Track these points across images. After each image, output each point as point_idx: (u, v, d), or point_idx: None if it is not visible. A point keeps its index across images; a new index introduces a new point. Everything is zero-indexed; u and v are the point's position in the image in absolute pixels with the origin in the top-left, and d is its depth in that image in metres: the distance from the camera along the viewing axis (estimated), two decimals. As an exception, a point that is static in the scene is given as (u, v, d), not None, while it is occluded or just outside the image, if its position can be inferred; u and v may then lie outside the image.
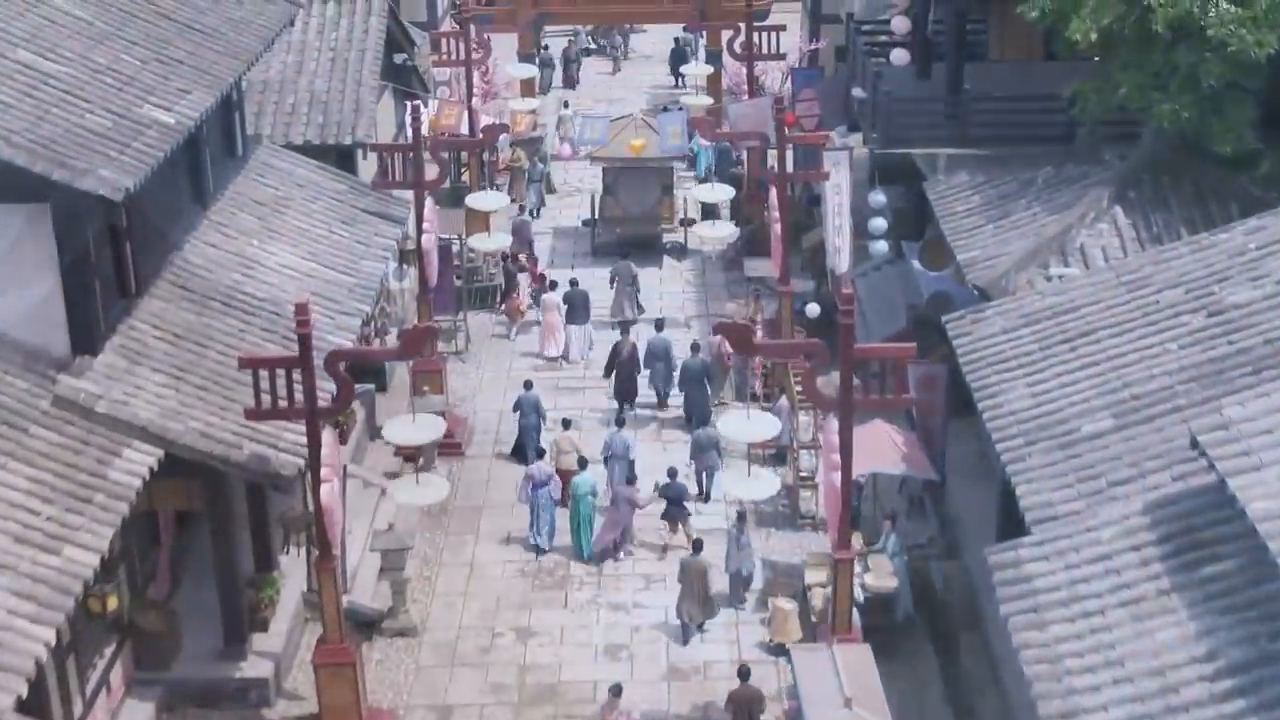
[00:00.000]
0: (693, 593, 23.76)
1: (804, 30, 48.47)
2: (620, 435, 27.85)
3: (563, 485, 27.26)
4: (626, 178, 37.74)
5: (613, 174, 38.05)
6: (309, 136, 29.94)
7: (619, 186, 37.98)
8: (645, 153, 37.68)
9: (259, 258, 25.17)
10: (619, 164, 37.74)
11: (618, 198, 38.07)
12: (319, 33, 31.71)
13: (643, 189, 37.88)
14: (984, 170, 28.24)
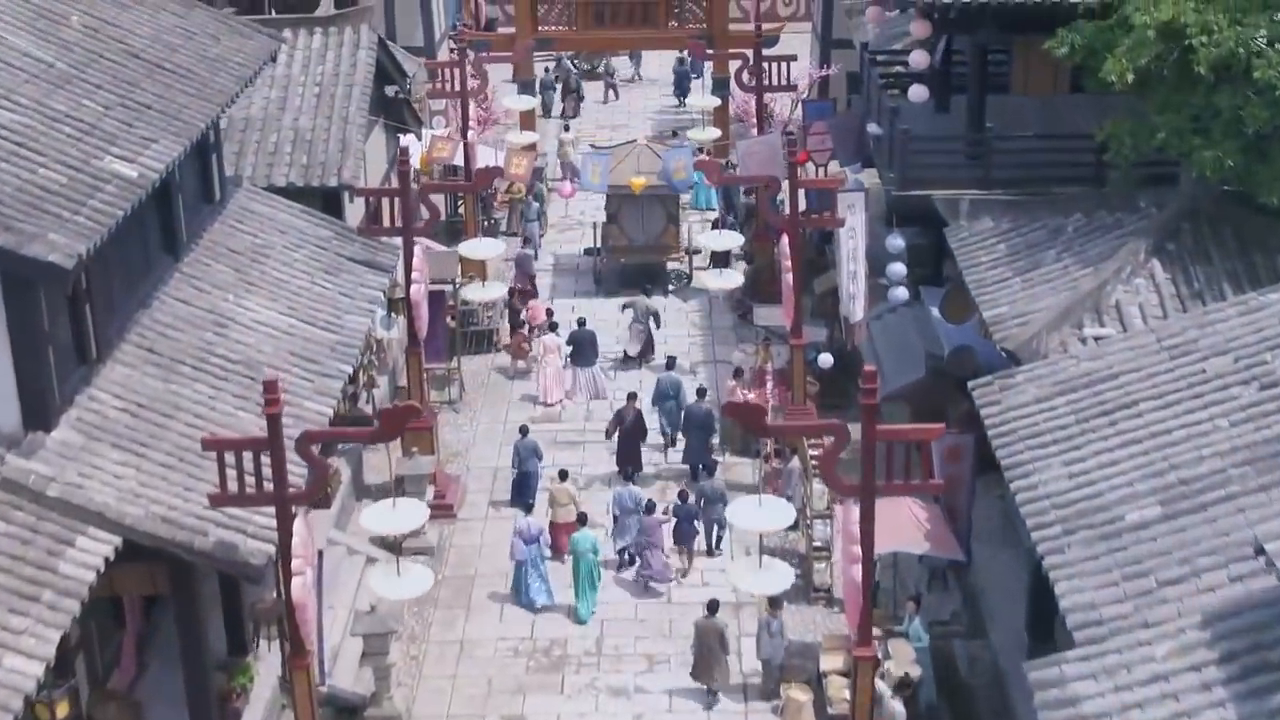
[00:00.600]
0: (711, 657, 22.31)
1: (814, 56, 46.81)
2: (630, 489, 26.38)
3: (556, 539, 26.04)
4: (630, 206, 36.38)
5: (616, 202, 36.59)
6: (292, 178, 28.26)
7: (622, 215, 36.63)
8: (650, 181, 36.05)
9: (234, 314, 23.46)
10: (622, 192, 36.38)
11: (621, 227, 36.75)
12: (304, 66, 30.02)
13: (647, 218, 36.50)
14: (1009, 216, 26.53)
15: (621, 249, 36.98)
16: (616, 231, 36.84)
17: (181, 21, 25.41)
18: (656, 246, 36.92)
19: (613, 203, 36.61)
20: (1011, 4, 27.58)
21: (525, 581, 25.08)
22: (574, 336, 31.91)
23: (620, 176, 35.97)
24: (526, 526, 25.37)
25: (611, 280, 37.06)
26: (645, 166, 36.03)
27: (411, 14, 45.88)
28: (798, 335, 27.19)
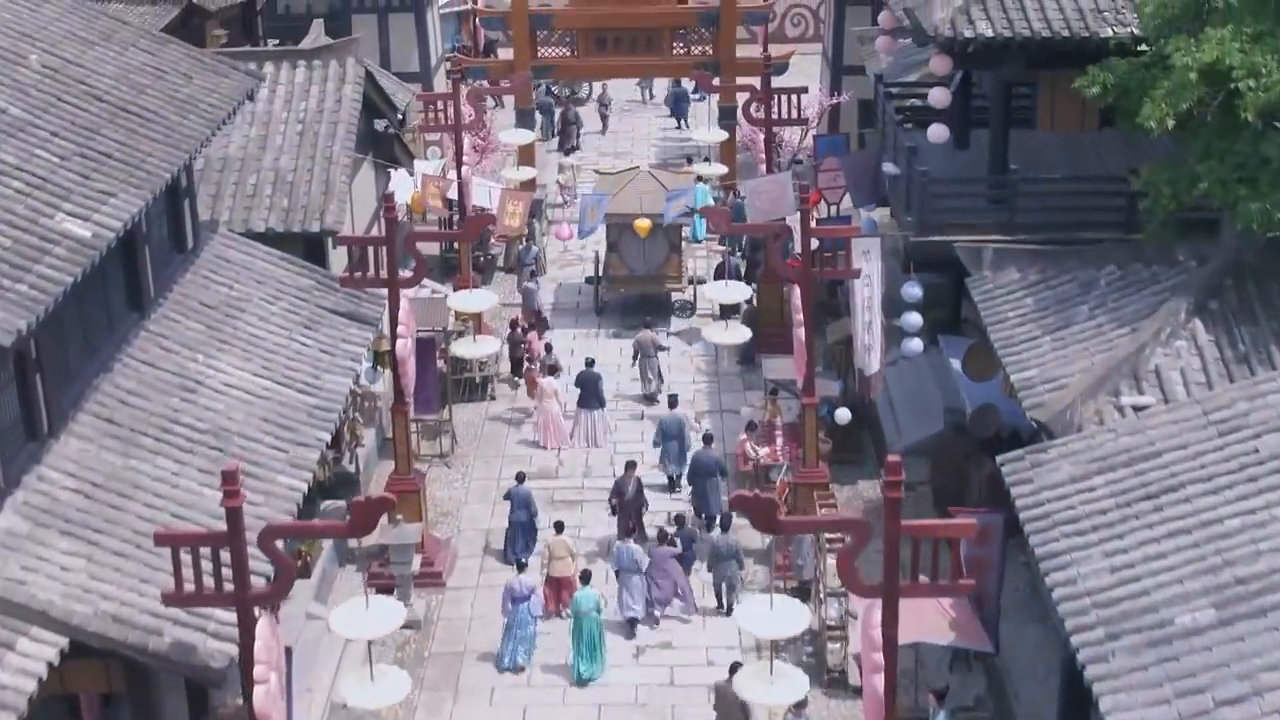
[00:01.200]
0: (732, 724, 20.80)
1: (824, 83, 45.10)
2: (629, 546, 24.83)
3: (551, 594, 24.80)
4: (632, 235, 35.05)
5: (617, 231, 35.32)
6: (272, 223, 26.56)
7: (624, 245, 35.34)
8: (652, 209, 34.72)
9: (203, 376, 21.77)
10: (624, 220, 34.94)
11: (623, 256, 35.49)
12: (286, 102, 28.33)
13: (649, 248, 35.15)
14: (1037, 266, 24.77)
15: (623, 279, 35.79)
16: (617, 261, 35.60)
17: (151, 59, 23.76)
18: (659, 277, 35.65)
19: (613, 232, 35.40)
20: (1038, 39, 25.92)
21: (506, 643, 23.65)
22: (581, 378, 30.50)
23: (622, 204, 34.88)
24: (518, 584, 23.91)
25: (613, 311, 35.87)
26: (646, 194, 34.88)
27: (407, 38, 44.26)
28: (810, 393, 25.43)
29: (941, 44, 26.01)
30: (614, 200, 35.13)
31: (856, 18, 43.37)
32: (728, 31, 40.58)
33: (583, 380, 30.47)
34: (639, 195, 35.27)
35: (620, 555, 24.66)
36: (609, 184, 36.86)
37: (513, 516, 26.49)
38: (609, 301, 36.07)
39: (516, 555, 25.90)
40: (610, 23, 40.58)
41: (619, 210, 34.94)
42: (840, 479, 28.37)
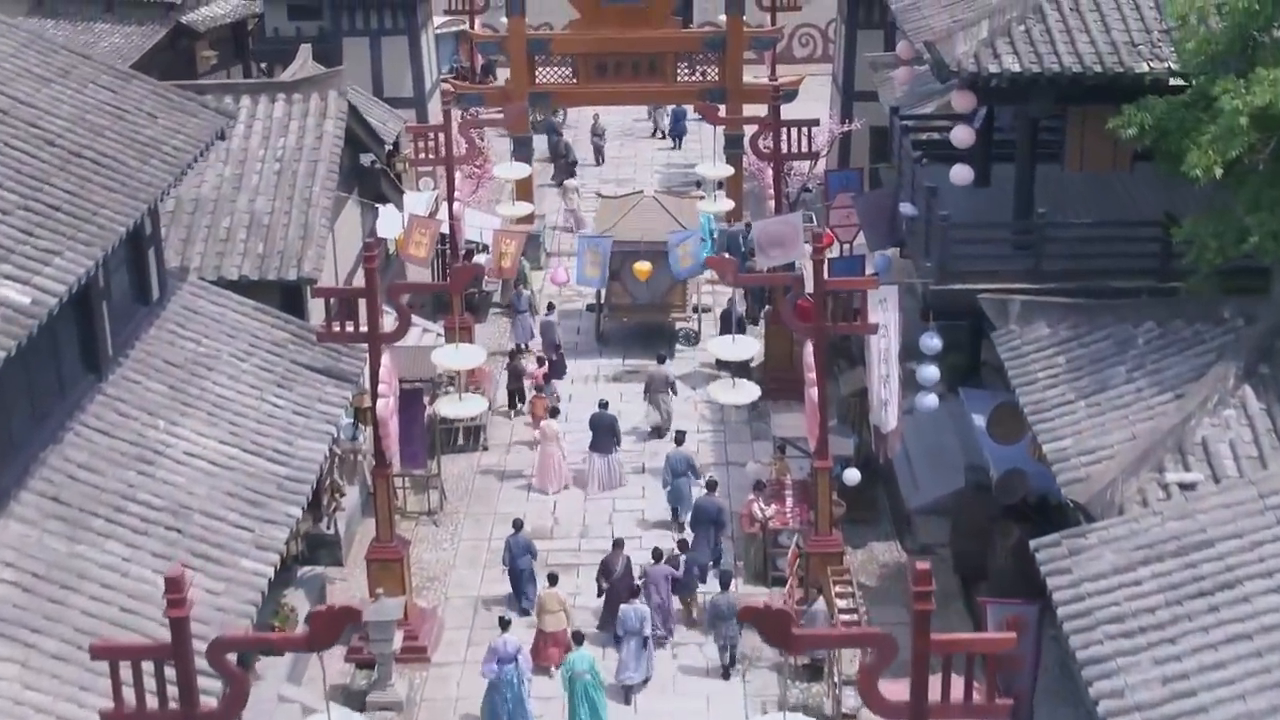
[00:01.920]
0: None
1: (834, 109, 43.32)
2: (635, 609, 23.31)
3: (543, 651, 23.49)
4: (632, 263, 33.65)
5: (619, 258, 33.84)
6: (245, 270, 24.76)
7: (626, 272, 33.90)
8: (655, 236, 33.62)
9: (164, 445, 19.99)
10: (626, 247, 33.68)
11: (625, 284, 34.04)
12: (263, 139, 26.51)
13: (652, 275, 33.69)
14: (1068, 321, 22.96)
15: (625, 308, 34.47)
16: (620, 289, 34.17)
17: (113, 97, 21.97)
18: (662, 305, 34.36)
19: (615, 259, 33.93)
20: (1068, 75, 24.14)
21: (494, 710, 22.03)
22: (594, 421, 29.03)
23: (625, 230, 33.81)
24: (503, 644, 22.34)
25: (615, 340, 34.69)
26: (650, 222, 33.86)
27: (400, 62, 42.46)
28: (823, 456, 23.62)
29: (964, 80, 24.22)
30: (617, 227, 34.03)
31: (869, 42, 41.72)
32: (734, 57, 38.80)
33: (596, 423, 29.01)
34: (643, 222, 34.20)
35: (626, 618, 23.20)
36: (612, 209, 35.51)
37: (513, 565, 25.34)
38: (610, 331, 34.83)
39: (522, 607, 24.97)
40: (611, 47, 38.82)
41: (622, 237, 33.79)
42: (853, 539, 26.64)
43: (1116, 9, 24.88)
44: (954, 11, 26.88)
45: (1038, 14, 24.79)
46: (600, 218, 36.34)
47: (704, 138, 49.07)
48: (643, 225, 34.26)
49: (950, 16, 26.66)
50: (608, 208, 36.36)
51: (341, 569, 26.35)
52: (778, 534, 25.70)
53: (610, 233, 34.15)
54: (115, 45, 47.74)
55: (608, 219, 35.33)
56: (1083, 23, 24.75)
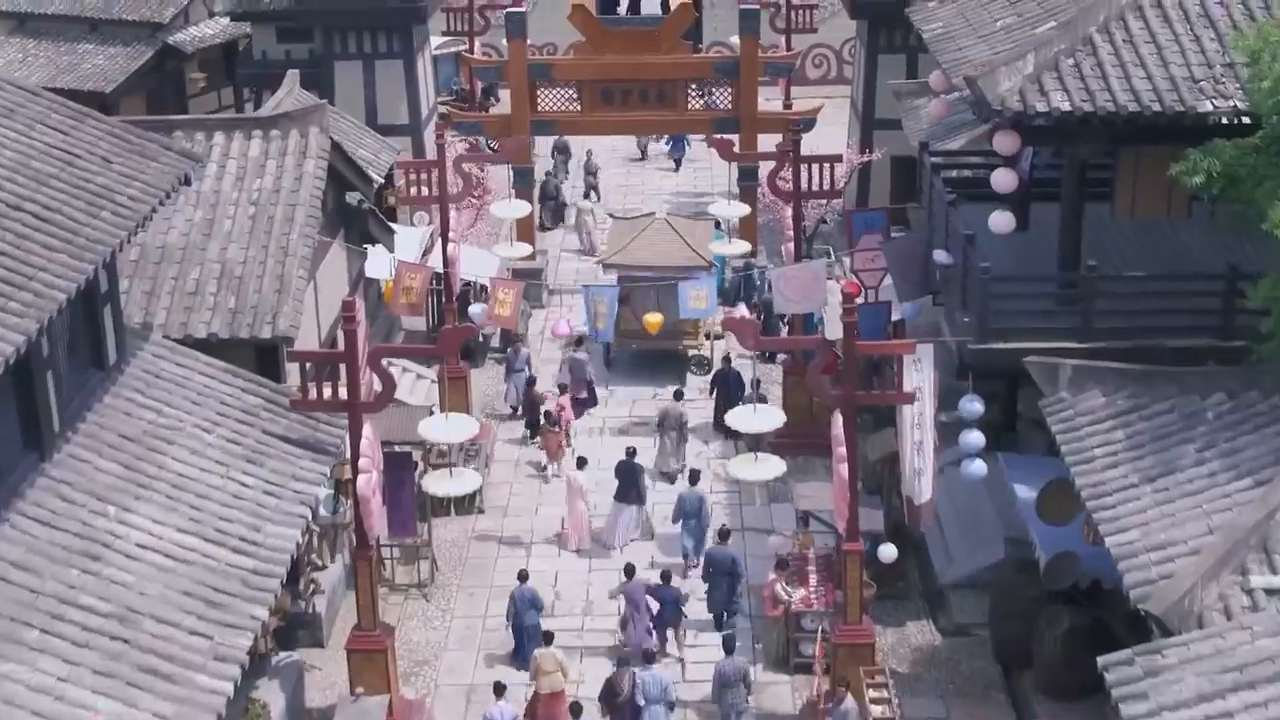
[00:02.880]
0: None
1: (852, 137, 41.03)
2: (655, 675, 21.75)
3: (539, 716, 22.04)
4: (644, 288, 32.39)
5: (629, 283, 32.61)
6: (215, 328, 22.48)
7: (635, 298, 32.48)
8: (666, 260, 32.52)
9: (113, 536, 17.70)
10: (636, 271, 32.51)
11: (635, 311, 32.29)
12: (237, 180, 24.23)
13: (664, 301, 31.68)
14: (1126, 390, 20.71)
15: (634, 334, 32.47)
16: (629, 315, 32.33)
17: (62, 140, 19.70)
18: (673, 332, 32.53)
19: (625, 283, 32.78)
20: (1124, 114, 21.84)
21: None
22: (620, 469, 27.19)
23: (635, 254, 32.82)
24: (498, 713, 20.93)
25: (623, 367, 33.30)
26: (662, 245, 32.68)
27: (395, 88, 40.18)
28: (854, 538, 21.30)
29: (1009, 119, 21.94)
30: (627, 250, 32.97)
31: (890, 67, 39.43)
32: (749, 84, 36.49)
33: (622, 472, 27.14)
34: (654, 246, 32.98)
35: (647, 686, 21.45)
36: (623, 231, 33.99)
37: (518, 621, 23.84)
38: (619, 358, 33.42)
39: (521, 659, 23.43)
40: (618, 74, 36.53)
41: (633, 261, 32.72)
42: (883, 617, 24.42)
43: (1174, 41, 22.65)
44: (993, 42, 24.60)
45: (1088, 46, 22.55)
46: (612, 240, 34.87)
47: (714, 164, 47.01)
48: (654, 249, 33.03)
49: (989, 48, 24.39)
50: (619, 229, 34.96)
51: (323, 650, 24.08)
52: (801, 617, 23.38)
53: (621, 255, 32.86)
54: (99, 67, 45.87)
55: (619, 241, 33.95)
56: (1137, 56, 22.50)
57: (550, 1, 54.05)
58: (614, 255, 33.93)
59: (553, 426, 29.70)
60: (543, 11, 53.31)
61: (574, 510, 27.05)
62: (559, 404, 30.08)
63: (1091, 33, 22.65)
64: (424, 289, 27.22)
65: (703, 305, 27.17)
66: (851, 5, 39.73)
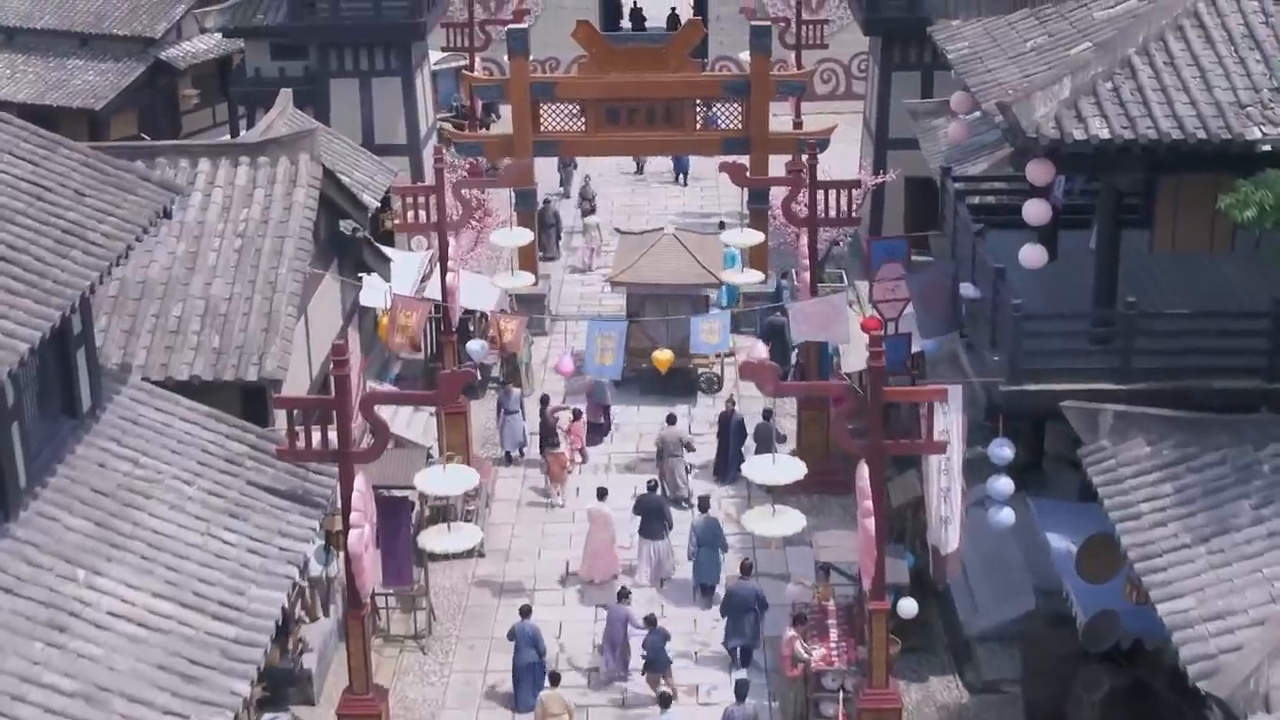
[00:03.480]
0: None
1: (865, 158, 39.68)
2: None
3: None
4: (654, 305, 32.05)
5: (638, 300, 32.28)
6: (198, 369, 21.12)
7: (646, 313, 32.16)
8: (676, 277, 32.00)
9: (82, 604, 16.33)
10: (644, 289, 31.97)
11: (644, 327, 32.05)
12: (223, 211, 22.87)
13: (673, 332, 31.37)
14: (1173, 438, 19.34)
15: (643, 351, 31.45)
16: (638, 333, 31.85)
17: (31, 171, 18.35)
18: (684, 349, 31.37)
19: (634, 301, 32.47)
20: (1167, 142, 20.44)
21: None
22: (642, 504, 26.18)
23: (644, 271, 32.12)
24: None
25: (632, 387, 32.32)
26: (672, 262, 31.97)
27: (393, 106, 38.89)
28: (880, 597, 19.91)
29: (1044, 148, 20.54)
30: (635, 268, 32.31)
31: (905, 85, 38.17)
32: (760, 103, 35.14)
33: (644, 506, 26.14)
34: (663, 261, 32.29)
35: None
36: (631, 247, 33.52)
37: (518, 659, 22.91)
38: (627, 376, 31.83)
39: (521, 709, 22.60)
40: (624, 92, 35.17)
41: (642, 279, 32.10)
42: (905, 671, 23.15)
43: (1218, 64, 21.23)
44: (1024, 65, 23.20)
45: (1126, 69, 21.15)
46: (619, 256, 34.05)
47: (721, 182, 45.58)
48: (664, 266, 32.30)
49: (1021, 70, 23.00)
50: (627, 245, 34.11)
51: (314, 707, 22.69)
52: (821, 675, 21.99)
53: (629, 273, 32.17)
54: (90, 83, 44.86)
55: (627, 258, 33.12)
56: (1180, 80, 21.08)
57: (552, 15, 53.01)
58: (622, 273, 32.89)
59: (556, 448, 28.56)
60: (545, 25, 52.13)
61: (596, 543, 25.87)
62: (566, 425, 29.05)
63: (1130, 55, 21.25)
64: (420, 325, 25.86)
65: (715, 339, 25.85)
66: (865, 21, 38.37)
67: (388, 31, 38.03)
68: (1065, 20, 24.34)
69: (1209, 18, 21.81)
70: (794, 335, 25.13)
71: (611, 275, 33.78)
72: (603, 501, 26.34)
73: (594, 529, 26.01)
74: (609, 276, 34.40)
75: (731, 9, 52.85)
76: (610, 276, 34.02)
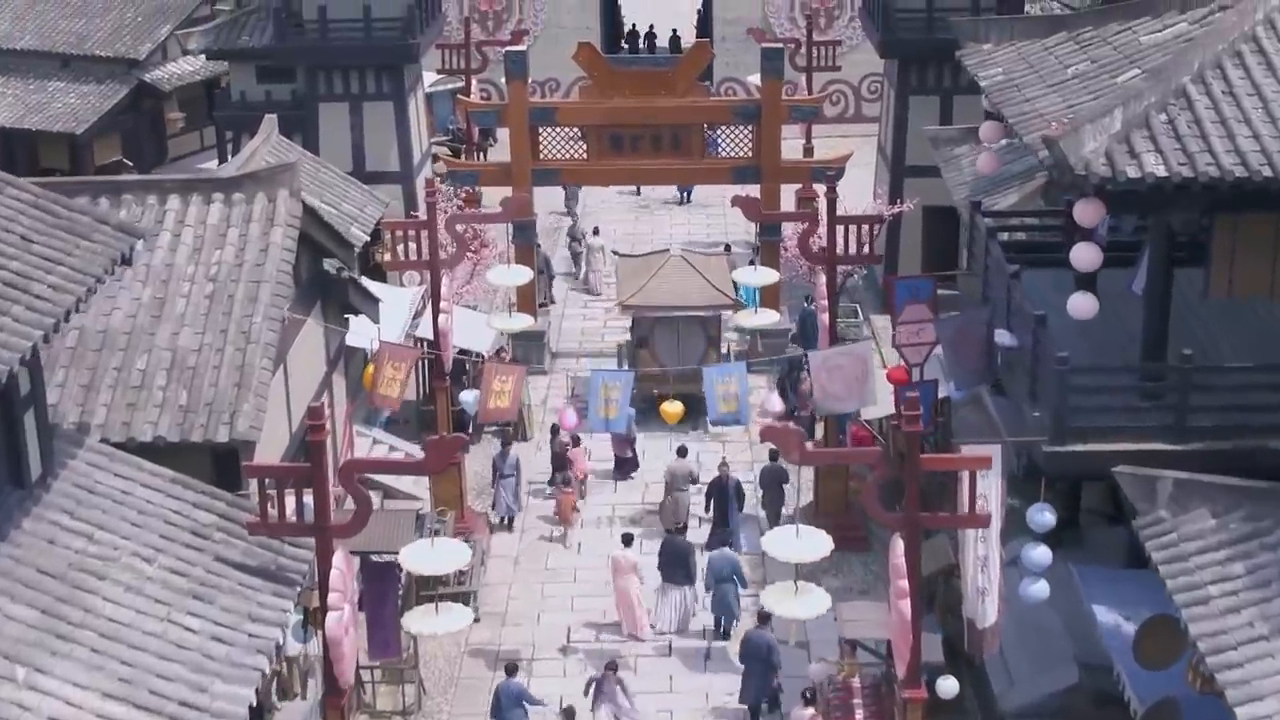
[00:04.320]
0: None
1: (881, 186, 37.81)
2: None
3: None
4: (663, 329, 31.12)
5: (646, 325, 31.20)
6: (163, 430, 19.19)
7: (655, 338, 31.23)
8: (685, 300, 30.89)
9: (21, 708, 14.39)
10: (653, 312, 30.91)
11: (653, 352, 31.14)
12: (193, 253, 20.96)
13: (684, 341, 30.92)
14: (1241, 511, 17.45)
15: (653, 378, 30.45)
16: (647, 357, 31.03)
17: (-28, 216, 16.45)
18: (695, 375, 29.77)
19: (643, 324, 31.40)
20: (1229, 180, 18.55)
21: None
22: (667, 548, 24.79)
23: (652, 294, 30.97)
24: None
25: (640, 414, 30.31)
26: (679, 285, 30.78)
27: (384, 131, 37.17)
28: (915, 683, 18.01)
29: (1094, 186, 18.66)
30: (644, 291, 31.09)
31: (922, 110, 36.37)
32: (771, 129, 33.26)
33: (669, 550, 24.70)
34: (672, 284, 31.17)
35: None
36: (634, 271, 32.29)
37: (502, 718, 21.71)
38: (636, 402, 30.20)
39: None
40: (628, 118, 33.31)
41: (651, 302, 30.94)
42: (936, 742, 21.12)
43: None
44: (1067, 94, 21.30)
45: (1182, 100, 19.28)
46: (623, 280, 32.71)
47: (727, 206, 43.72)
48: (672, 288, 31.18)
49: (1063, 99, 21.10)
50: (629, 268, 32.84)
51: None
52: (847, 762, 20.12)
53: (637, 296, 31.04)
54: (71, 106, 43.20)
55: (633, 281, 31.87)
56: (1240, 111, 19.19)
57: (552, 36, 51.34)
58: (630, 296, 31.47)
59: (566, 486, 27.08)
60: (544, 46, 50.48)
61: (623, 593, 24.39)
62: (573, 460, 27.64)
63: (1185, 83, 19.39)
64: (409, 377, 23.94)
65: (733, 407, 23.77)
66: (881, 43, 36.53)
67: (379, 53, 36.27)
68: (1109, 45, 22.48)
69: (1269, 43, 20.00)
70: (817, 398, 23.28)
71: (618, 300, 32.31)
72: (628, 548, 24.77)
73: (618, 578, 24.45)
74: (616, 301, 32.94)
75: (736, 30, 51.09)
76: (618, 301, 32.57)
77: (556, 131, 33.81)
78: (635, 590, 24.47)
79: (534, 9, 52.59)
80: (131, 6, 45.20)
